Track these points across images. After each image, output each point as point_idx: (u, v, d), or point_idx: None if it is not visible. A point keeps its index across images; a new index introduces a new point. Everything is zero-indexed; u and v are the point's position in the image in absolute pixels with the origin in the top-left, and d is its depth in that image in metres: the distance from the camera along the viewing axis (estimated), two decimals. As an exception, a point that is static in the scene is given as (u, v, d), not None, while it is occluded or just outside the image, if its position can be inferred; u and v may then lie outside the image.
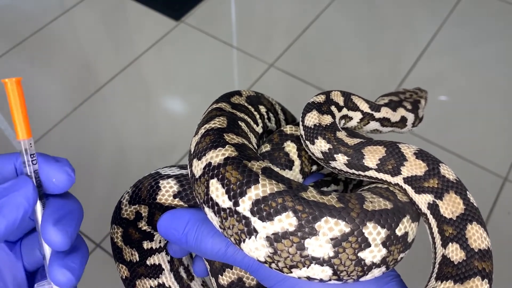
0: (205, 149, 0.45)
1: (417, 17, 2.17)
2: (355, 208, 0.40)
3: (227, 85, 1.93)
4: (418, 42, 2.02)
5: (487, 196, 1.57)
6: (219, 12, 2.18)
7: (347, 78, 1.92)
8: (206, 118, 0.51)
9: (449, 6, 2.14)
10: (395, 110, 0.59)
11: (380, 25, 2.14)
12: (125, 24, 2.19)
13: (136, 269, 0.57)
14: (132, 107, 1.87)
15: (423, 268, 0.75)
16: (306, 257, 0.40)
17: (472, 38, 2.04)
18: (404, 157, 0.47)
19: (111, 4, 2.23)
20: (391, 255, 0.42)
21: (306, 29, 2.08)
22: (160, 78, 1.97)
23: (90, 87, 1.89)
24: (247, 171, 0.42)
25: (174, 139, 1.75)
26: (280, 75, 1.93)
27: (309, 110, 0.53)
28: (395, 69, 1.95)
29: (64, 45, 2.08)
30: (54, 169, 0.41)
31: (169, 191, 0.52)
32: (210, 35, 2.06)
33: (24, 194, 0.38)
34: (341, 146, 0.49)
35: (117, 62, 1.98)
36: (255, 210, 0.40)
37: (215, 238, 0.46)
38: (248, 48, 2.02)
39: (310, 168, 0.55)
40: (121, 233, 0.55)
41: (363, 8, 2.18)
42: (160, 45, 2.04)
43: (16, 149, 1.70)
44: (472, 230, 0.42)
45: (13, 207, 0.37)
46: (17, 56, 2.01)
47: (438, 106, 1.81)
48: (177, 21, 2.12)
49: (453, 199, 0.44)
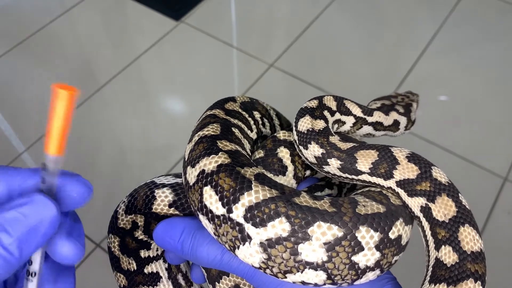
0: (199, 157, 0.45)
1: (417, 17, 2.17)
2: (347, 212, 0.40)
3: (227, 85, 1.93)
4: (418, 42, 2.02)
5: (487, 196, 1.57)
6: (219, 12, 2.18)
7: (347, 78, 1.92)
8: (200, 125, 0.51)
9: (449, 6, 2.14)
10: (387, 114, 0.59)
11: (380, 25, 2.14)
12: (125, 24, 2.19)
13: (133, 278, 0.57)
14: (132, 107, 1.87)
15: (419, 270, 0.75)
16: (300, 262, 0.40)
17: (472, 38, 2.04)
18: (396, 161, 0.47)
19: (111, 4, 2.23)
20: (385, 258, 0.42)
21: (306, 29, 2.08)
22: (160, 78, 1.97)
23: (90, 87, 1.90)
24: (240, 178, 0.42)
25: (173, 139, 1.75)
26: (280, 75, 1.93)
27: (302, 115, 0.53)
28: (395, 69, 1.94)
29: (64, 45, 2.08)
30: (73, 183, 0.39)
31: (164, 201, 0.52)
32: (210, 35, 2.06)
33: (49, 222, 0.35)
34: (334, 151, 0.49)
35: (117, 62, 1.98)
36: (248, 216, 0.40)
37: (210, 246, 0.46)
38: (248, 48, 2.02)
39: (303, 173, 0.55)
40: (118, 242, 0.56)
41: (363, 8, 2.18)
42: (160, 45, 2.04)
43: (17, 150, 1.71)
44: (465, 232, 0.43)
45: (37, 238, 0.34)
46: (17, 56, 2.01)
47: (438, 106, 1.81)
48: (177, 21, 2.12)
49: (445, 201, 0.44)
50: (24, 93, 1.89)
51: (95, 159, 1.71)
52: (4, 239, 0.33)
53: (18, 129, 1.80)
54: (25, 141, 1.75)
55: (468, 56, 1.98)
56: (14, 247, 0.33)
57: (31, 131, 1.77)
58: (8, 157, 1.70)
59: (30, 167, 1.56)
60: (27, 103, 1.86)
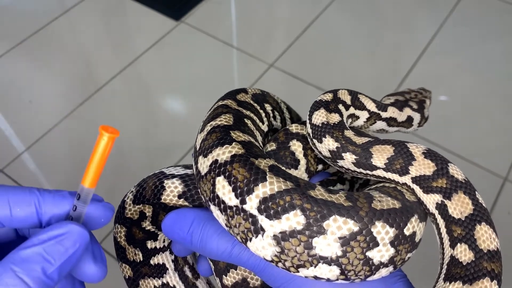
0: (212, 146, 0.45)
1: (417, 17, 2.17)
2: (363, 207, 0.40)
3: (227, 85, 1.93)
4: (418, 42, 2.02)
5: (487, 196, 1.57)
6: (219, 12, 2.18)
7: (347, 78, 1.92)
8: (212, 115, 0.50)
9: (449, 6, 2.15)
10: (401, 109, 0.59)
11: (380, 25, 2.14)
12: (125, 24, 2.18)
13: (139, 269, 0.56)
14: (132, 107, 1.87)
15: (429, 269, 0.75)
16: (314, 257, 0.39)
17: (472, 38, 2.04)
18: (412, 157, 0.46)
19: (111, 4, 2.22)
20: (399, 254, 0.42)
21: (306, 29, 2.08)
22: (160, 78, 1.97)
23: (90, 87, 1.89)
24: (255, 169, 0.41)
25: (173, 139, 1.74)
26: (280, 75, 1.93)
27: (317, 108, 0.52)
28: (395, 69, 1.95)
29: (64, 45, 2.08)
30: (99, 209, 0.43)
31: (173, 191, 0.52)
32: (210, 35, 2.06)
33: (83, 248, 0.39)
34: (349, 145, 0.48)
35: (117, 62, 1.98)
36: (262, 208, 0.40)
37: (220, 238, 0.46)
38: (248, 48, 2.02)
39: (315, 167, 0.55)
40: (124, 233, 0.55)
41: (363, 8, 2.18)
42: (160, 45, 2.03)
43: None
44: (481, 230, 0.42)
45: (73, 261, 0.38)
46: (17, 56, 2.01)
47: (438, 106, 1.81)
48: (177, 21, 2.12)
49: (462, 199, 0.44)
50: (24, 93, 1.88)
51: (96, 159, 1.71)
52: (47, 268, 0.36)
53: (18, 129, 1.79)
54: (25, 141, 1.74)
55: (468, 56, 1.99)
56: (56, 274, 0.37)
57: (31, 131, 1.76)
58: (8, 157, 1.69)
59: (30, 168, 1.56)
60: (27, 103, 1.85)
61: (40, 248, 0.36)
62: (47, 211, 0.41)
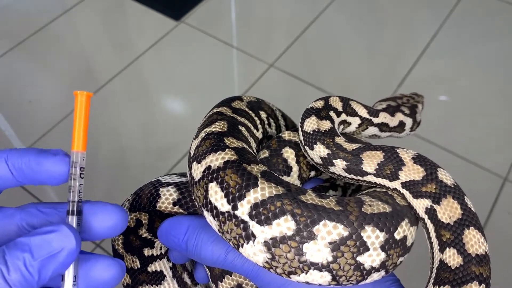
0: (205, 153, 0.45)
1: (417, 17, 2.17)
2: (353, 211, 0.40)
3: (227, 85, 1.93)
4: (418, 42, 2.02)
5: (487, 196, 1.57)
6: (219, 12, 2.18)
7: (347, 78, 1.92)
8: (206, 122, 0.51)
9: (449, 6, 2.14)
10: (393, 115, 0.59)
11: (380, 25, 2.14)
12: (125, 24, 2.18)
13: (137, 276, 0.56)
14: (132, 107, 1.87)
15: (422, 273, 0.75)
16: (305, 263, 0.39)
17: (472, 38, 2.04)
18: (402, 162, 0.46)
19: (111, 4, 2.22)
20: (390, 259, 0.42)
21: (306, 29, 2.08)
22: (160, 78, 1.97)
23: (90, 87, 1.89)
24: (247, 175, 0.42)
25: (173, 139, 1.75)
26: (280, 75, 1.93)
27: (308, 116, 0.52)
28: (395, 69, 1.94)
29: (64, 45, 2.08)
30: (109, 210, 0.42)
31: (168, 199, 0.52)
32: (210, 35, 2.06)
33: (67, 252, 0.38)
34: (340, 152, 0.49)
35: (117, 62, 1.98)
36: (253, 214, 0.40)
37: (214, 245, 0.46)
38: (248, 48, 2.02)
39: (308, 174, 0.55)
40: (122, 240, 0.55)
41: (363, 8, 2.18)
42: (160, 45, 2.04)
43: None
44: (470, 235, 0.42)
45: (55, 265, 0.37)
46: (17, 56, 2.01)
47: (438, 106, 1.81)
48: (177, 21, 2.12)
49: (450, 204, 0.44)
50: (24, 93, 1.89)
51: (95, 159, 1.71)
52: (27, 259, 0.36)
53: (18, 129, 1.80)
54: (25, 141, 1.75)
55: (468, 56, 1.98)
56: (35, 269, 0.36)
57: (31, 131, 1.77)
58: (8, 157, 1.69)
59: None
60: (27, 103, 1.86)
61: (28, 239, 0.37)
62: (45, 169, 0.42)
